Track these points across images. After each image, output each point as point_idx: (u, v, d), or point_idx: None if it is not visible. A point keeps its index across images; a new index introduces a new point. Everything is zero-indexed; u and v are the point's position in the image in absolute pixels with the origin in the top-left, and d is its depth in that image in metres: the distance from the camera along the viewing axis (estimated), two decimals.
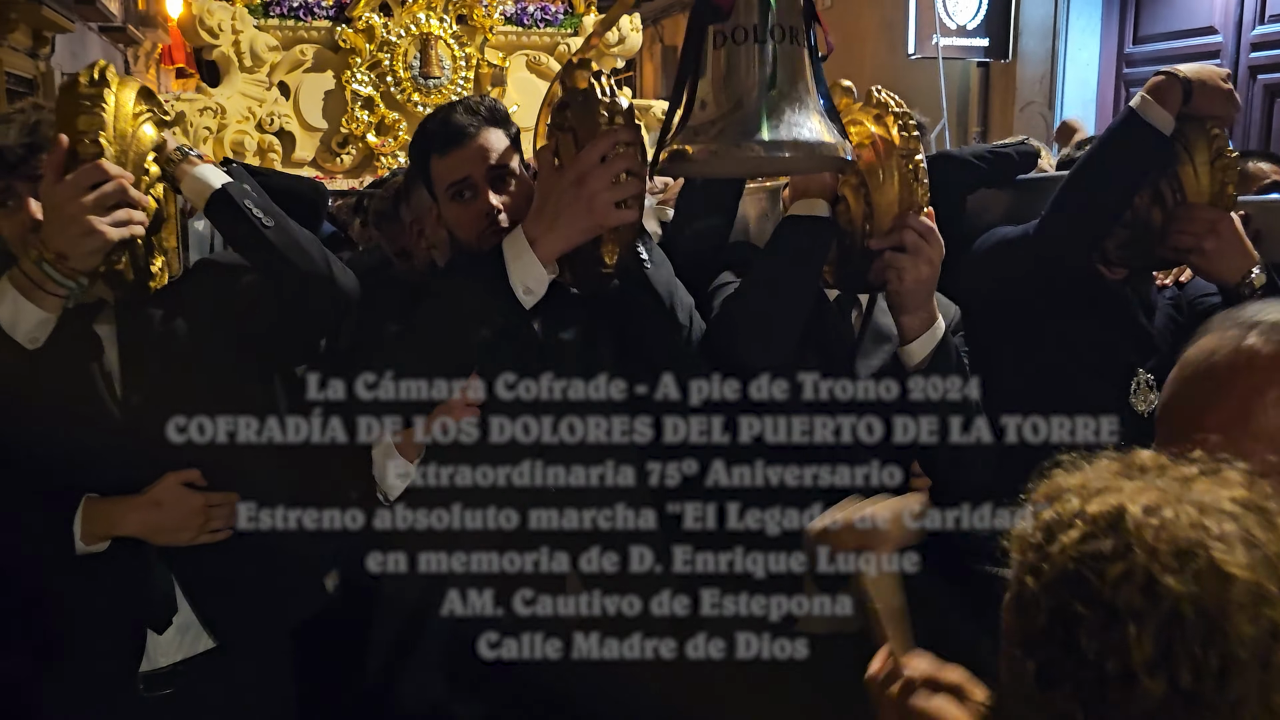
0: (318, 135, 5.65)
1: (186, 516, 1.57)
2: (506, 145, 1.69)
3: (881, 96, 1.64)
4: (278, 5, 5.56)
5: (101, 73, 1.46)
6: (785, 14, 1.46)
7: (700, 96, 1.48)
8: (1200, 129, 1.81)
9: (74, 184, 1.41)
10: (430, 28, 5.53)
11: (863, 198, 1.62)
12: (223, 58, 5.46)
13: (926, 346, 1.68)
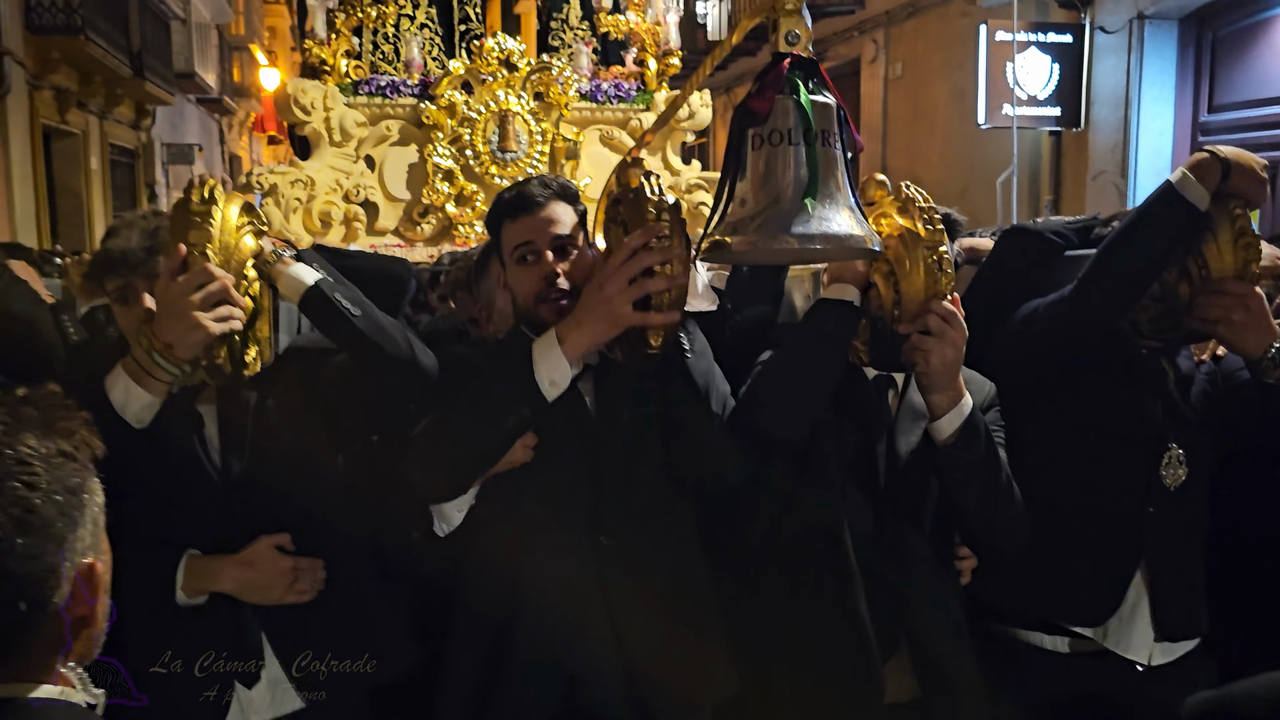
0: (400, 205, 5.91)
1: (276, 577, 1.72)
2: (572, 219, 1.84)
3: (909, 192, 1.74)
4: (367, 84, 5.86)
5: (211, 191, 1.64)
6: (818, 118, 1.58)
7: (740, 195, 1.61)
8: (1224, 209, 1.87)
9: (185, 284, 1.59)
10: (508, 104, 5.78)
11: (891, 285, 1.72)
12: (314, 133, 5.77)
13: (954, 423, 1.77)
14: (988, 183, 8.18)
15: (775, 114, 1.58)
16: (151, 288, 1.68)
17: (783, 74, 1.60)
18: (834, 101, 1.62)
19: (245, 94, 21.04)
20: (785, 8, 1.63)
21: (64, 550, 0.92)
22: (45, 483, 0.90)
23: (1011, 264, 2.24)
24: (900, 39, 9.70)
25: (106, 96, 11.57)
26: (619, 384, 1.78)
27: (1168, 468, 2.01)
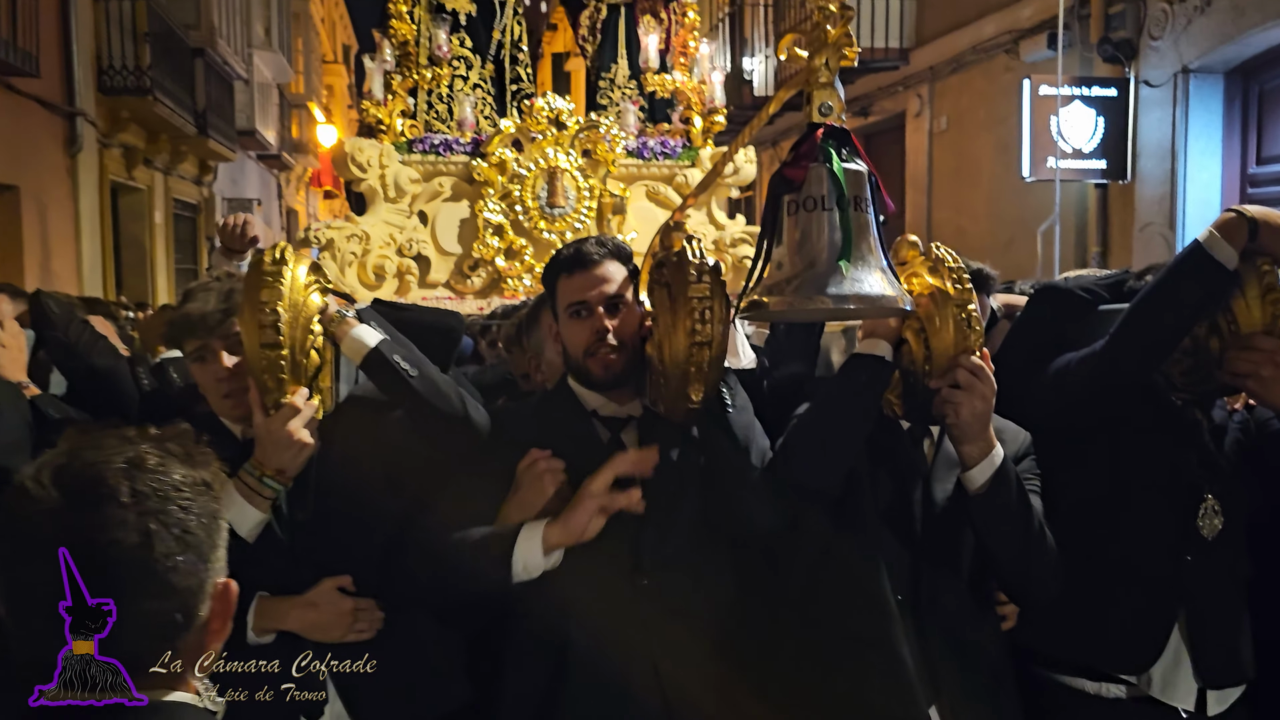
0: (452, 259, 6.08)
1: (337, 617, 1.81)
2: (624, 278, 1.92)
3: (939, 253, 1.80)
4: (421, 143, 6.08)
5: (282, 253, 1.76)
6: (851, 185, 1.65)
7: (777, 258, 1.69)
8: (1252, 265, 1.91)
9: (282, 418, 1.77)
10: (557, 161, 5.95)
11: (923, 341, 1.78)
12: (370, 190, 5.98)
13: (986, 473, 1.81)
14: (1033, 235, 8.18)
15: (810, 181, 1.66)
16: (227, 346, 1.80)
17: (816, 143, 1.68)
18: (865, 168, 1.69)
19: (302, 150, 21.68)
20: (819, 81, 1.72)
21: (208, 569, 1.02)
22: (195, 508, 1.00)
23: (1043, 320, 2.29)
24: (944, 94, 9.76)
25: (172, 153, 12.01)
26: (662, 436, 1.85)
27: (1204, 518, 2.03)
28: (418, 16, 6.46)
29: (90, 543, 0.95)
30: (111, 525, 0.95)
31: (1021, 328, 2.35)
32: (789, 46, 1.77)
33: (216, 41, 12.10)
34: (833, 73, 1.73)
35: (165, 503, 0.98)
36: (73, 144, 9.24)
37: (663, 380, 1.78)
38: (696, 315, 1.69)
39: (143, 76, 10.02)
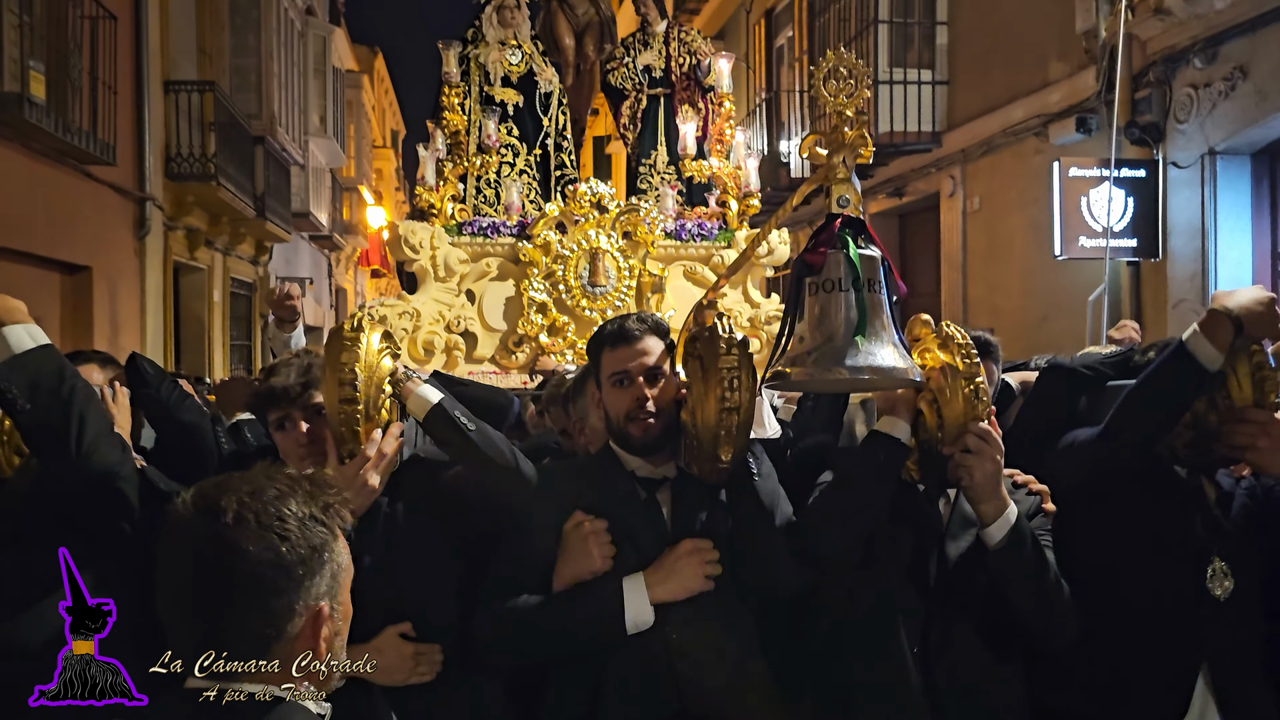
0: (497, 335, 6.33)
1: (400, 661, 1.98)
2: (662, 351, 2.13)
3: (949, 330, 1.98)
4: (470, 225, 6.37)
5: (359, 321, 1.99)
6: (866, 269, 1.85)
7: (799, 333, 1.89)
8: (1243, 346, 2.06)
9: (356, 466, 1.98)
10: (599, 243, 6.21)
11: (935, 411, 1.95)
12: (421, 270, 6.27)
13: (1002, 529, 1.96)
14: (1066, 312, 8.31)
15: (828, 265, 1.86)
16: (305, 416, 2.02)
17: (835, 232, 1.89)
18: (879, 254, 1.89)
19: (352, 231, 22.41)
20: (837, 176, 1.93)
21: (300, 591, 1.19)
22: (294, 536, 1.19)
23: (1050, 397, 2.45)
24: (976, 175, 10.00)
25: (231, 235, 12.55)
26: (693, 497, 2.03)
27: (1213, 579, 2.15)
28: (468, 108, 6.83)
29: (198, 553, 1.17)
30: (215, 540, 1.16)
31: (1032, 404, 2.52)
32: (810, 146, 1.99)
33: (276, 130, 12.71)
34: (850, 169, 1.94)
35: (264, 530, 1.17)
36: (142, 227, 9.75)
37: (695, 443, 1.98)
38: (726, 384, 1.89)
39: (208, 164, 10.57)
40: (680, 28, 7.66)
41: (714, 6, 17.91)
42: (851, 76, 1.93)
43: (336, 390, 1.94)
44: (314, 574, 1.22)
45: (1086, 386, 2.47)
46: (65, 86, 7.69)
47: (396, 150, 32.70)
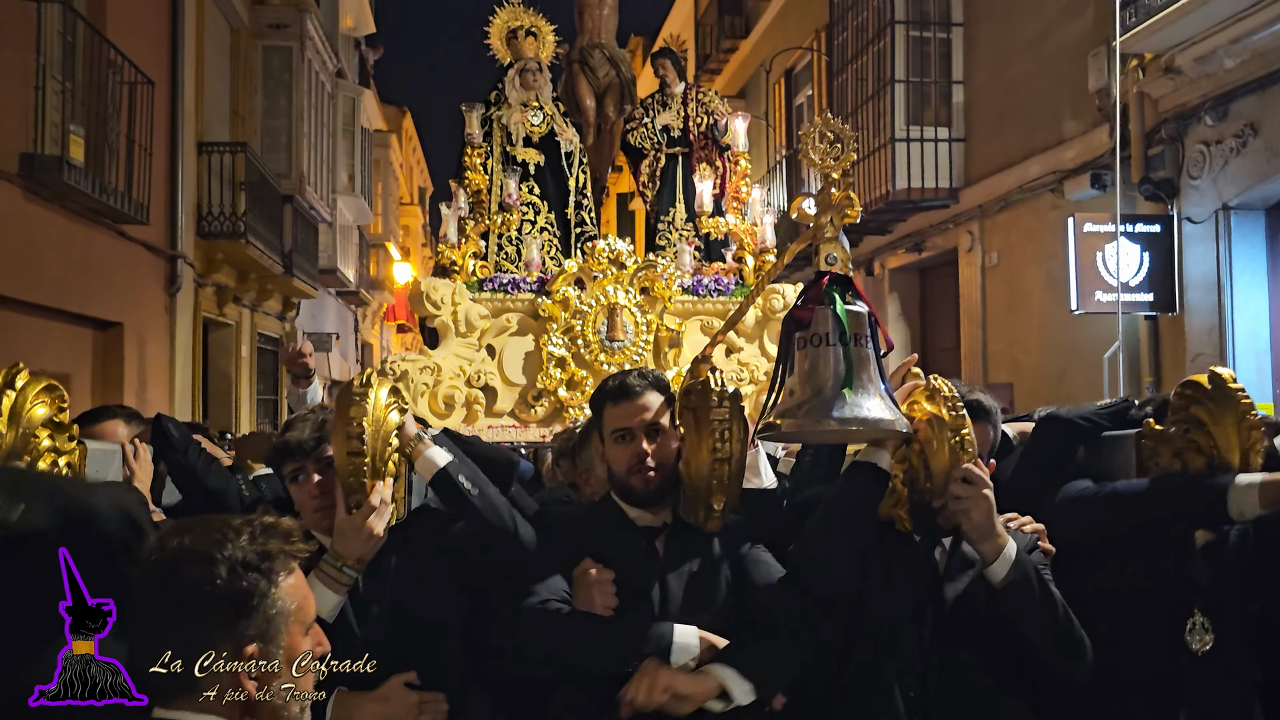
0: (517, 390, 6.42)
1: (405, 710, 2.04)
2: (661, 405, 2.20)
3: (936, 383, 2.04)
4: (490, 282, 6.51)
5: (368, 378, 2.08)
6: (852, 324, 1.93)
7: (789, 386, 1.96)
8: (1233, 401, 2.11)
9: (362, 515, 2.05)
10: (616, 298, 6.31)
11: (923, 462, 2.01)
12: (443, 325, 6.39)
13: (1004, 566, 2.00)
14: (1086, 366, 8.31)
15: (816, 321, 1.94)
16: (318, 469, 2.11)
17: (823, 289, 1.97)
18: (866, 309, 1.97)
19: (379, 286, 22.74)
20: (825, 235, 2.02)
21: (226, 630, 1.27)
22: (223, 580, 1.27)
23: (1046, 449, 2.50)
24: (994, 230, 10.08)
25: (259, 291, 12.80)
26: (688, 544, 2.09)
27: (1192, 633, 2.17)
28: (490, 167, 7.02)
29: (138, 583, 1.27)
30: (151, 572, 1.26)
31: (1030, 455, 2.56)
32: (800, 207, 2.08)
33: (305, 188, 13.00)
34: (837, 229, 2.02)
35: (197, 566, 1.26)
36: (172, 284, 9.98)
37: (690, 491, 2.04)
38: (717, 435, 1.96)
39: (238, 222, 10.84)
40: (698, 89, 7.86)
41: (735, 66, 18.25)
42: (838, 141, 2.02)
43: (344, 444, 2.02)
44: (243, 615, 1.29)
45: (1084, 437, 2.52)
46: (103, 149, 7.95)
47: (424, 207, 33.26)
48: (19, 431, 2.02)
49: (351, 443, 2.01)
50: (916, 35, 10.71)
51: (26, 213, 7.10)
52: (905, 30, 10.64)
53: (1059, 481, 2.44)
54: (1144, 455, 2.31)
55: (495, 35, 7.49)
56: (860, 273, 13.11)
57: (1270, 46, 6.35)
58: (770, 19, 16.26)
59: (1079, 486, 2.37)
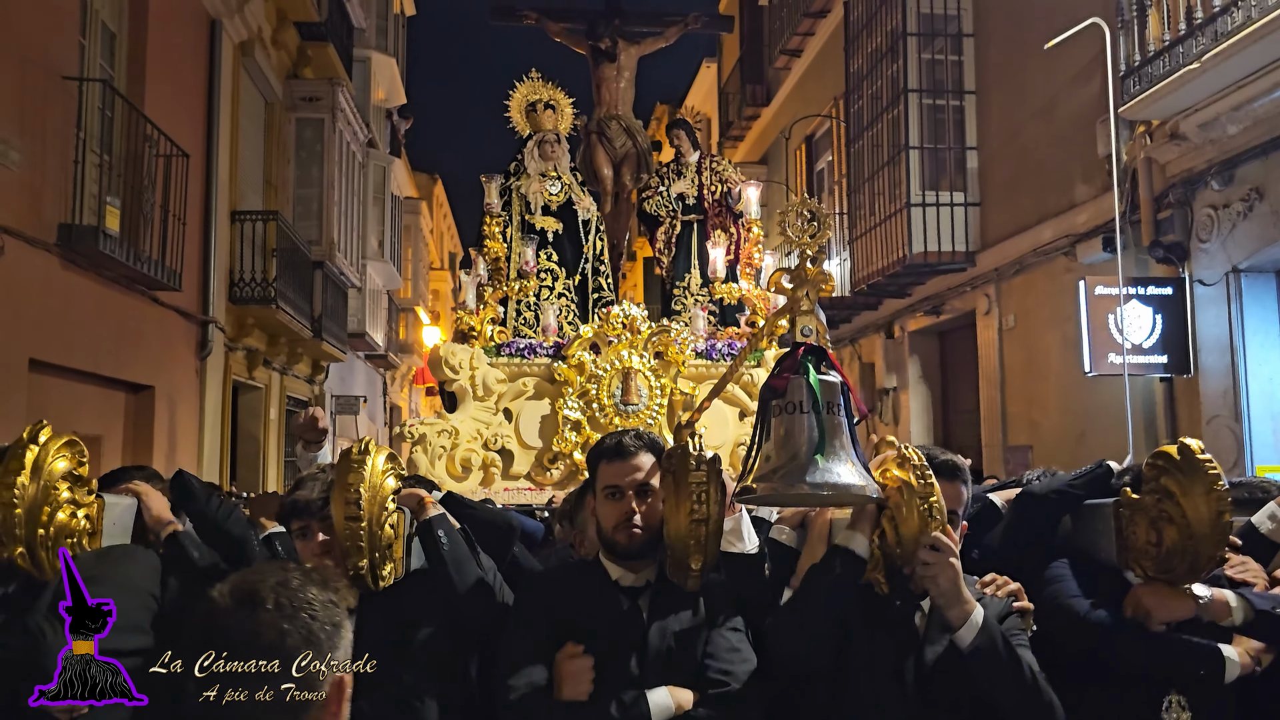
0: (533, 453, 6.54)
1: None
2: (653, 466, 2.29)
3: (906, 452, 2.14)
4: (508, 347, 6.68)
5: (366, 445, 2.21)
6: (825, 393, 2.03)
7: (765, 452, 2.06)
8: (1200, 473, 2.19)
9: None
10: (631, 363, 6.45)
11: (894, 527, 2.09)
12: (461, 389, 6.55)
13: (971, 632, 2.07)
14: (1104, 428, 8.31)
15: (791, 390, 2.04)
16: (323, 527, 2.24)
17: (798, 359, 2.08)
18: (839, 379, 2.07)
19: (408, 350, 23.04)
20: (801, 308, 2.13)
21: (327, 664, 1.36)
22: (320, 617, 1.37)
23: (1026, 525, 2.58)
24: (1010, 293, 10.15)
25: (288, 355, 13.06)
26: (671, 603, 2.18)
27: (1168, 711, 2.22)
28: (510, 235, 7.23)
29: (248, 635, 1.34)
30: (257, 624, 1.34)
31: (1010, 531, 2.64)
32: (778, 281, 2.19)
33: (335, 255, 13.32)
34: (813, 302, 2.14)
35: (299, 611, 1.36)
36: (204, 348, 10.24)
37: (670, 551, 2.14)
38: (695, 497, 2.06)
39: (269, 288, 11.12)
40: (712, 158, 8.07)
41: (757, 132, 18.59)
42: (814, 220, 2.15)
43: (343, 508, 2.15)
44: (337, 648, 1.39)
45: (1062, 509, 2.59)
46: (138, 218, 8.25)
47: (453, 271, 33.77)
48: (40, 484, 2.18)
49: (349, 508, 2.14)
50: (930, 103, 10.92)
51: (64, 281, 7.37)
52: (919, 98, 10.85)
53: (1040, 556, 2.52)
54: (1122, 524, 2.38)
55: (515, 108, 7.78)
56: (880, 335, 13.19)
57: (1271, 113, 6.46)
58: (790, 87, 16.60)
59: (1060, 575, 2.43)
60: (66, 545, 2.23)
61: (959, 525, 2.25)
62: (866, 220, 11.81)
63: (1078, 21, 8.76)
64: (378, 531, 2.18)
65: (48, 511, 2.18)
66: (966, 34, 10.77)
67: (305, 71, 13.58)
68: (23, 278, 6.69)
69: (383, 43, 17.15)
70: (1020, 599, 2.32)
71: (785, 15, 15.85)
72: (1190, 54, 6.72)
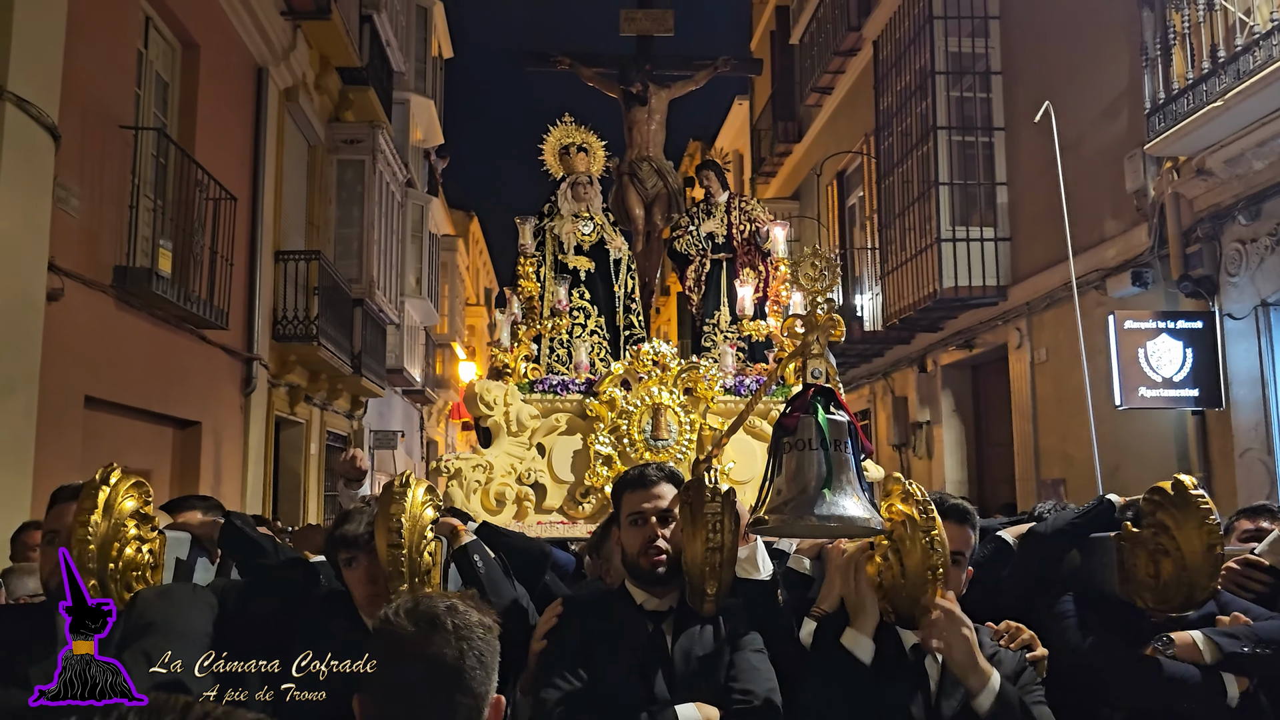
0: (565, 487, 6.67)
1: None
2: (674, 497, 2.45)
3: (909, 487, 2.26)
4: (541, 384, 6.83)
5: (406, 479, 2.38)
6: (833, 432, 2.17)
7: (777, 486, 2.20)
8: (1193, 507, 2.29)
9: None
10: (661, 399, 6.58)
11: (898, 559, 2.21)
12: (495, 425, 6.70)
13: (989, 698, 2.16)
14: (1138, 461, 8.32)
15: (801, 428, 2.18)
16: (370, 557, 2.41)
17: (808, 399, 2.21)
18: (846, 419, 2.21)
19: (444, 385, 23.36)
20: (812, 351, 2.27)
21: (490, 683, 1.50)
22: (486, 640, 1.51)
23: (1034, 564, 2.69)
24: (1042, 327, 10.18)
25: (329, 391, 13.35)
26: (693, 627, 2.32)
27: None
28: (543, 275, 7.42)
29: (431, 655, 1.47)
30: (442, 645, 1.47)
31: (1018, 570, 2.75)
32: (791, 326, 2.34)
33: (374, 293, 13.64)
34: (823, 346, 2.28)
35: (471, 634, 1.50)
36: (248, 385, 10.53)
37: (686, 578, 2.27)
38: (710, 527, 2.20)
39: (310, 325, 11.43)
40: (740, 198, 8.23)
41: (789, 169, 18.78)
42: (827, 269, 2.29)
43: (386, 536, 2.32)
44: (495, 669, 1.54)
45: (1068, 545, 2.70)
46: (188, 260, 8.58)
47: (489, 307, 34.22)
48: (111, 521, 2.37)
49: (391, 536, 2.30)
50: (959, 139, 11.04)
51: (118, 321, 7.67)
52: (948, 135, 10.98)
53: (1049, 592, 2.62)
54: (1123, 556, 2.48)
55: (549, 151, 8.00)
56: (914, 369, 13.23)
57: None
58: (822, 124, 16.78)
59: (1066, 612, 2.53)
60: (132, 579, 2.41)
61: (964, 568, 2.36)
62: (898, 255, 11.91)
63: (1101, 59, 8.88)
64: (417, 558, 2.34)
65: (117, 547, 2.38)
66: (995, 71, 10.90)
67: (346, 114, 13.99)
68: (80, 319, 6.98)
69: (421, 85, 17.59)
70: (1035, 646, 2.40)
71: (816, 53, 16.07)
72: (1214, 92, 6.81)
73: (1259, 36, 6.38)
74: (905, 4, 11.77)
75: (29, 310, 6.22)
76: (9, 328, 5.95)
